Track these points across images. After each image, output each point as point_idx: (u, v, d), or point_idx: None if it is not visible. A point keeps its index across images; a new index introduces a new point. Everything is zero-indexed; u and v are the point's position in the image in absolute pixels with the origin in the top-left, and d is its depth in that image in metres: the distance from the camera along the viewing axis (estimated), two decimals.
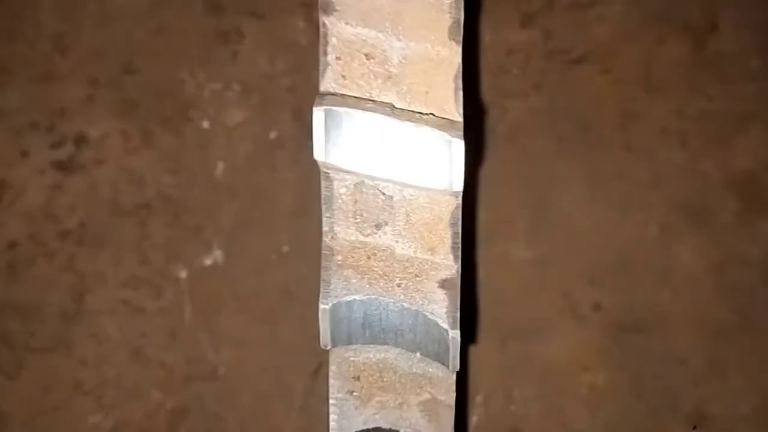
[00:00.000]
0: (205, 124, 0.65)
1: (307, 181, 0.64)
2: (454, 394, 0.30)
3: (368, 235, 0.28)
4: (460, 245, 0.28)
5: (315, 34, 0.66)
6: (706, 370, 0.62)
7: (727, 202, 0.64)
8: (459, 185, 0.26)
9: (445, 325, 0.27)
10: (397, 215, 0.28)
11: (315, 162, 0.67)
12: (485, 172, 0.65)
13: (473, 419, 0.61)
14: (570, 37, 0.67)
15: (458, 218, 0.28)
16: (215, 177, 0.64)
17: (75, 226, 0.63)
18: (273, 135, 0.65)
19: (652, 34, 0.67)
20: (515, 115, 0.66)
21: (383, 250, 0.28)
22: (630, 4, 0.67)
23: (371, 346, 0.29)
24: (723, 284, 0.63)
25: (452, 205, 0.27)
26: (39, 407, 0.61)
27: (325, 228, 0.29)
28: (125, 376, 0.62)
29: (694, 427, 0.58)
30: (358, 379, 0.30)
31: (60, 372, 0.61)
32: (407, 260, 0.28)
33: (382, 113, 0.27)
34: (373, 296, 0.28)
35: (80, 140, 0.65)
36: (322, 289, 0.28)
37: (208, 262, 0.63)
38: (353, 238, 0.28)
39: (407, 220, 0.28)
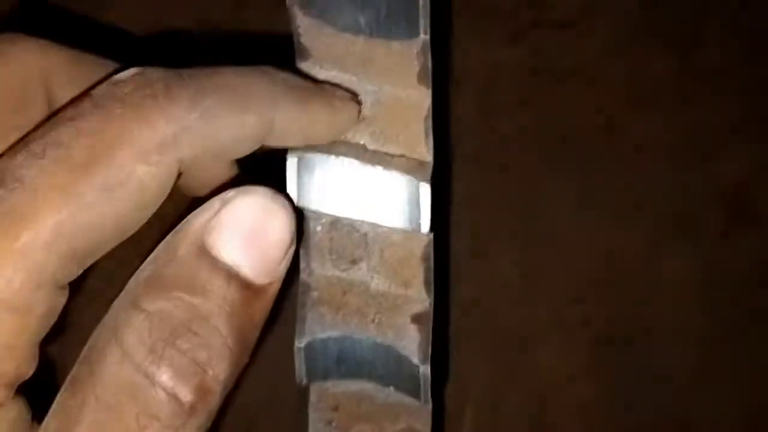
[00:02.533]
0: None
1: None
2: (431, 423, 0.31)
3: (344, 270, 0.29)
4: (432, 280, 0.29)
5: None
6: (692, 382, 0.62)
7: (714, 216, 0.65)
8: (426, 227, 0.27)
9: (416, 361, 0.28)
10: (371, 251, 0.29)
11: None
12: (473, 188, 0.66)
13: None
14: (557, 54, 0.67)
15: (430, 254, 0.29)
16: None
17: None
18: None
19: (638, 49, 0.67)
20: (503, 131, 0.66)
21: (358, 285, 0.29)
22: (616, 19, 0.68)
23: (349, 380, 0.30)
24: (709, 297, 0.63)
25: (424, 241, 0.28)
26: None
27: (302, 264, 0.30)
28: None
29: None
30: (336, 409, 0.30)
31: (52, 394, 0.62)
32: (382, 295, 0.29)
33: (354, 156, 0.28)
34: (347, 333, 0.29)
35: None
36: (297, 328, 0.29)
37: None
38: (329, 273, 0.29)
39: (381, 256, 0.29)
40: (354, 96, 0.29)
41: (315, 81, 0.29)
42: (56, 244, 0.25)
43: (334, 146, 0.29)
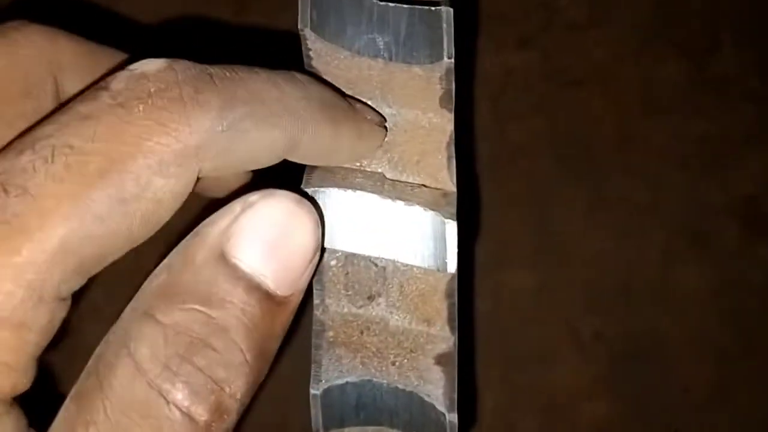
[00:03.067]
0: None
1: None
2: None
3: (360, 306, 0.27)
4: (456, 316, 0.27)
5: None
6: (709, 396, 0.61)
7: (728, 225, 0.63)
8: (453, 266, 0.25)
9: (442, 408, 0.26)
10: (390, 286, 0.27)
11: None
12: (485, 196, 0.64)
13: None
14: (568, 59, 0.66)
15: (454, 289, 0.27)
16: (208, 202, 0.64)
17: None
18: None
19: (651, 56, 0.66)
20: (514, 138, 0.65)
21: (377, 322, 0.27)
22: (629, 25, 0.66)
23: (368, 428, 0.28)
24: (725, 309, 0.62)
25: (448, 276, 0.27)
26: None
27: (316, 301, 0.28)
28: None
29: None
30: None
31: (57, 407, 0.61)
32: (402, 333, 0.27)
33: (371, 188, 0.26)
34: (366, 378, 0.27)
35: None
36: (313, 372, 0.28)
37: None
38: (345, 310, 0.27)
39: (401, 291, 0.27)
40: (382, 121, 0.27)
41: (344, 95, 0.27)
42: (62, 258, 0.23)
43: (350, 175, 0.27)
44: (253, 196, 0.24)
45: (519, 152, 0.64)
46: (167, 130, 0.23)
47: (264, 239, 0.24)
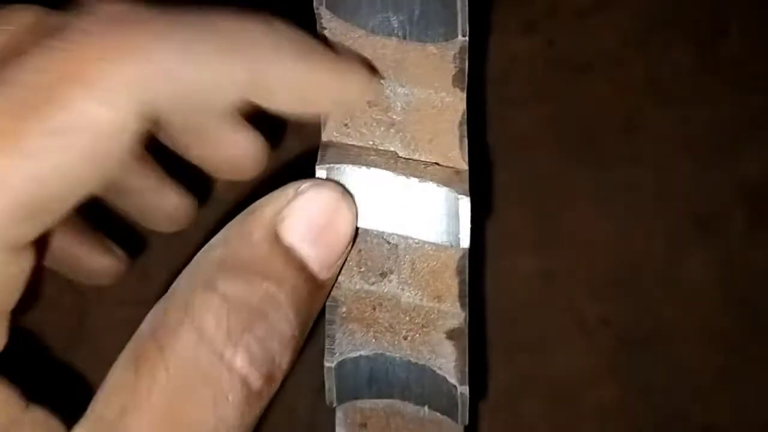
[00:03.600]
0: None
1: None
2: None
3: (373, 283, 0.28)
4: (467, 293, 0.27)
5: None
6: (714, 382, 0.61)
7: (735, 213, 0.63)
8: (466, 242, 0.26)
9: (454, 381, 0.27)
10: (402, 263, 0.27)
11: None
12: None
13: None
14: (574, 45, 0.66)
15: (465, 266, 0.27)
16: (216, 195, 0.64)
17: None
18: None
19: (658, 42, 0.66)
20: (519, 124, 0.65)
21: (389, 299, 0.28)
22: (635, 10, 0.66)
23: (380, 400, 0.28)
24: (731, 296, 0.62)
25: (459, 253, 0.27)
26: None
27: None
28: None
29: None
30: (365, 426, 0.29)
31: (63, 390, 0.61)
32: (413, 309, 0.28)
33: (385, 166, 0.26)
34: (379, 351, 0.28)
35: None
36: (327, 346, 0.28)
37: None
38: (358, 287, 0.28)
39: (413, 268, 0.27)
40: (370, 66, 0.27)
41: (330, 46, 0.27)
42: (5, 200, 0.22)
43: (363, 153, 0.27)
44: (304, 184, 0.26)
45: (524, 139, 0.64)
46: (107, 59, 0.22)
47: (313, 224, 0.25)
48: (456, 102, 0.26)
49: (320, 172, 0.26)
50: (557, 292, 0.62)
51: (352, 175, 0.26)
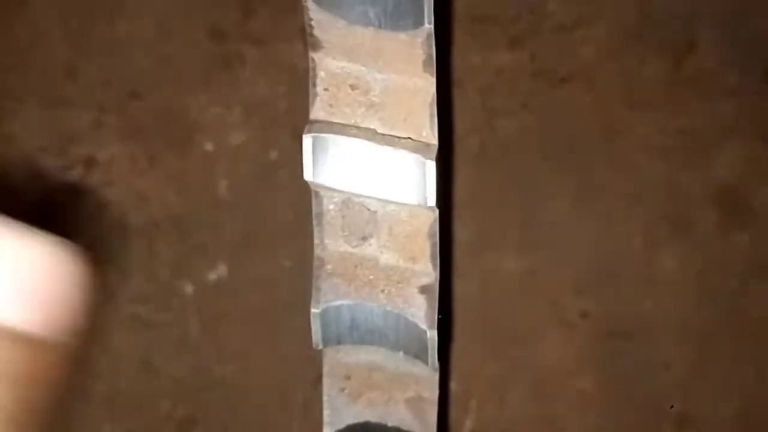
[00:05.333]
0: (209, 146, 0.68)
1: (307, 198, 0.67)
2: (437, 391, 0.33)
3: (355, 246, 0.31)
4: (438, 255, 0.31)
5: None
6: (690, 373, 0.64)
7: (707, 213, 0.67)
8: (432, 201, 0.29)
9: (424, 326, 0.30)
10: (381, 228, 0.31)
11: None
12: (475, 187, 0.68)
13: (467, 424, 0.64)
14: (555, 58, 0.70)
15: (436, 231, 0.31)
16: (219, 196, 0.67)
17: (85, 245, 0.66)
18: (273, 155, 0.68)
19: (634, 54, 0.70)
20: (504, 133, 0.69)
21: (369, 260, 0.31)
22: (613, 25, 0.70)
23: (360, 348, 0.32)
24: (704, 292, 0.66)
25: (430, 218, 0.30)
26: (53, 418, 0.64)
27: (316, 240, 0.32)
28: (134, 387, 0.64)
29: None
30: (348, 378, 0.33)
31: (72, 384, 0.64)
32: (390, 269, 0.31)
33: (365, 138, 0.30)
34: (359, 301, 0.31)
35: (90, 163, 0.68)
36: (313, 295, 0.32)
37: (212, 277, 0.66)
38: (342, 249, 0.31)
39: (390, 233, 0.31)
40: None
41: None
42: None
43: (345, 129, 0.31)
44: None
45: (508, 146, 0.68)
46: None
47: (17, 281, 0.21)
48: (427, 85, 0.30)
49: (307, 140, 0.30)
50: (540, 288, 0.66)
51: (335, 142, 0.30)
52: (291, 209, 0.67)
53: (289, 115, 0.68)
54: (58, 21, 0.70)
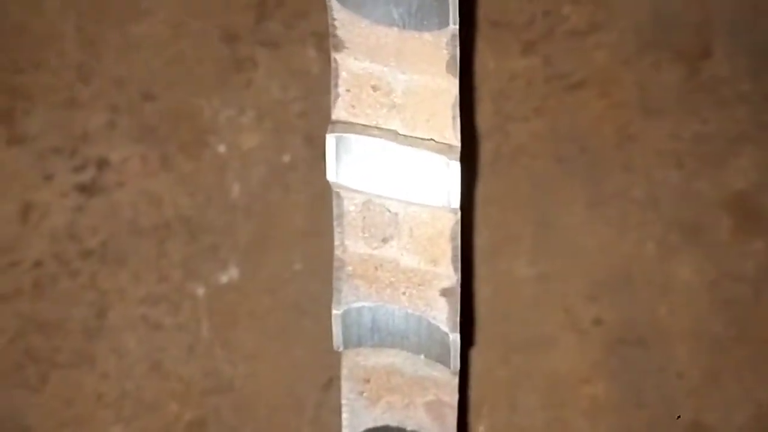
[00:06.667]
0: (221, 148, 0.68)
1: (319, 201, 0.67)
2: (457, 395, 0.33)
3: (375, 248, 0.31)
4: (459, 257, 0.31)
5: (325, 63, 0.69)
6: (703, 381, 0.64)
7: (721, 220, 0.67)
8: (456, 202, 0.29)
9: (446, 329, 0.30)
10: (401, 230, 0.31)
11: (326, 184, 0.70)
12: (489, 192, 0.68)
13: (479, 429, 0.64)
14: (569, 64, 0.70)
15: (457, 233, 0.31)
16: (231, 198, 0.67)
17: (97, 245, 0.66)
18: (286, 158, 0.68)
19: (648, 60, 0.70)
20: (517, 138, 0.69)
21: (389, 261, 0.31)
22: (626, 31, 0.70)
23: (380, 350, 0.32)
24: (718, 299, 0.65)
25: (452, 220, 0.30)
26: (62, 420, 0.64)
27: (336, 242, 0.32)
28: (144, 389, 0.64)
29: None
30: (368, 381, 0.32)
31: (82, 385, 0.64)
32: (411, 271, 0.31)
33: (387, 139, 0.30)
34: (380, 303, 0.31)
35: (102, 164, 0.68)
36: (334, 297, 0.31)
37: (224, 279, 0.66)
38: (362, 251, 0.31)
39: (411, 235, 0.31)
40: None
41: None
42: None
43: (367, 130, 0.31)
44: None
45: (521, 151, 0.68)
46: None
47: None
48: (450, 86, 0.30)
49: (330, 140, 0.30)
50: (552, 294, 0.65)
51: (358, 142, 0.29)
52: (302, 212, 0.67)
53: (302, 119, 0.68)
54: (72, 22, 0.70)
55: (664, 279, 0.66)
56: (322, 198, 0.67)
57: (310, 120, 0.68)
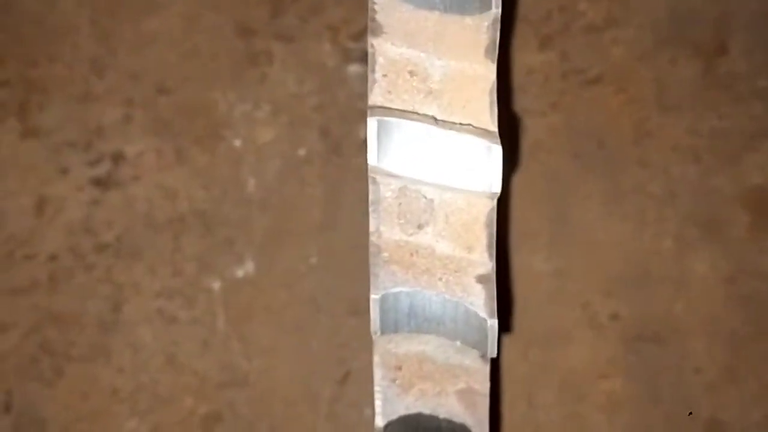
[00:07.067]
0: (237, 142, 0.68)
1: (334, 195, 0.67)
2: (489, 383, 0.33)
3: (411, 234, 0.31)
4: (494, 244, 0.31)
5: (341, 57, 0.69)
6: (720, 377, 0.64)
7: (738, 215, 0.67)
8: (497, 187, 0.29)
9: (484, 315, 0.30)
10: (437, 217, 0.31)
11: (341, 178, 0.69)
12: (505, 186, 0.67)
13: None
14: (586, 59, 0.70)
15: (493, 219, 0.31)
16: (246, 192, 0.67)
17: (112, 239, 0.66)
18: (301, 152, 0.68)
19: (665, 56, 0.69)
20: (534, 132, 0.68)
21: (425, 248, 0.31)
22: (643, 26, 0.70)
23: (411, 338, 0.31)
24: (736, 295, 0.65)
25: (488, 207, 0.30)
26: (77, 413, 0.64)
27: (371, 228, 0.31)
28: (160, 383, 0.64)
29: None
30: (399, 368, 0.32)
31: (98, 379, 0.64)
32: (447, 257, 0.31)
33: (427, 123, 0.30)
34: (417, 288, 0.31)
35: (117, 158, 0.68)
36: (372, 282, 0.31)
37: (239, 273, 0.66)
38: (397, 237, 0.31)
39: (446, 221, 0.31)
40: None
41: None
42: None
43: (405, 114, 0.31)
44: None
45: (539, 145, 0.68)
46: None
47: None
48: (487, 72, 0.30)
49: (371, 123, 0.29)
50: (570, 289, 0.65)
51: (398, 126, 0.29)
52: (318, 206, 0.67)
53: (317, 113, 0.68)
54: (87, 16, 0.70)
55: (681, 275, 0.66)
56: (337, 191, 0.67)
57: (326, 113, 0.68)
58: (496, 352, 0.31)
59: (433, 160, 0.30)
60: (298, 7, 0.70)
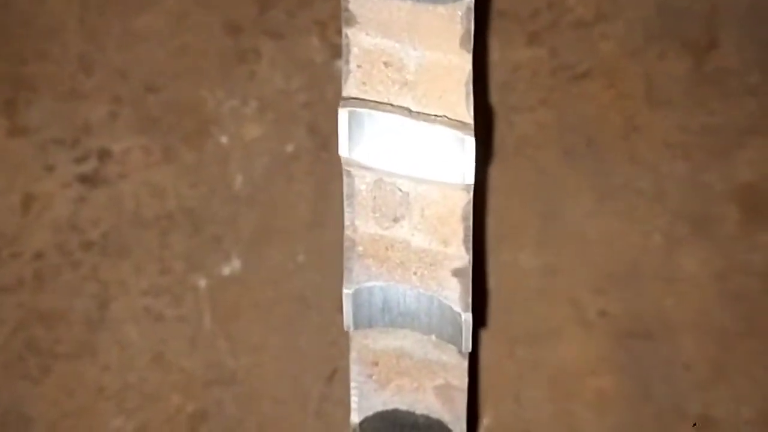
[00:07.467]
0: (224, 139, 0.68)
1: (322, 192, 0.67)
2: (467, 379, 0.32)
3: (386, 228, 0.31)
4: (471, 237, 0.30)
5: (329, 53, 0.69)
6: (710, 374, 0.63)
7: (729, 212, 0.66)
8: (470, 179, 0.29)
9: (459, 309, 0.30)
10: (413, 210, 0.30)
11: (330, 174, 0.69)
12: (494, 183, 0.67)
13: (484, 422, 0.63)
14: (575, 54, 0.69)
15: (469, 212, 0.30)
16: (234, 189, 0.67)
17: (99, 237, 0.66)
18: (289, 149, 0.68)
19: (654, 51, 0.69)
20: (522, 128, 0.68)
21: (400, 242, 0.31)
22: (633, 22, 0.70)
23: (389, 333, 0.31)
24: (726, 292, 0.65)
25: (464, 200, 0.30)
26: (63, 411, 0.63)
27: (346, 222, 0.31)
28: (146, 381, 0.64)
29: (694, 425, 0.60)
30: (376, 364, 0.32)
31: (84, 377, 0.64)
32: (423, 251, 0.30)
33: (400, 115, 0.29)
34: (391, 283, 0.30)
35: (104, 155, 0.67)
36: (345, 276, 0.31)
37: (226, 271, 0.65)
38: (372, 231, 0.31)
39: (422, 215, 0.30)
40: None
41: None
42: None
43: (379, 106, 0.30)
44: None
45: (527, 142, 0.68)
46: None
47: None
48: (463, 63, 0.30)
49: (342, 114, 0.29)
50: (558, 286, 0.65)
51: (370, 119, 0.29)
52: (306, 203, 0.66)
53: (305, 109, 0.68)
54: (75, 13, 0.70)
55: (671, 271, 0.65)
56: (325, 188, 0.67)
57: (314, 110, 0.68)
58: (470, 346, 0.30)
59: (405, 153, 0.29)
60: (286, 2, 0.70)
